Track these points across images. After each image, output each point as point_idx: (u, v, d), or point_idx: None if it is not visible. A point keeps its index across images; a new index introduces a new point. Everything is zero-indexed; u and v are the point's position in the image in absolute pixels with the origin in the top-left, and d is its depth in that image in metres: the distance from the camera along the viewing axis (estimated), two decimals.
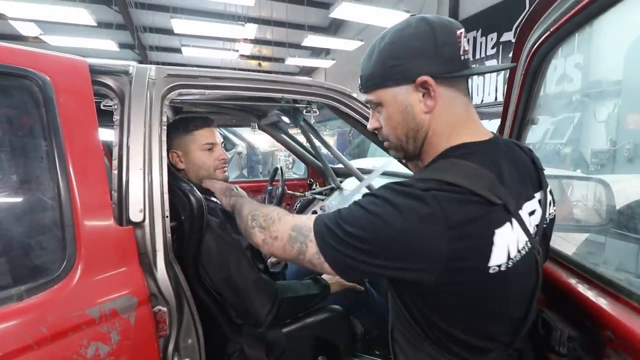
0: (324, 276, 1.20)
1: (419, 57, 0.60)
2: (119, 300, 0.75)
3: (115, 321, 0.74)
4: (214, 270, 1.00)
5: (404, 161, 0.85)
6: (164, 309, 0.85)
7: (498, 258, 0.53)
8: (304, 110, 1.35)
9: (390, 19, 5.40)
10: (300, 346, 1.16)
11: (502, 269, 0.53)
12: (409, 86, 0.62)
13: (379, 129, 0.70)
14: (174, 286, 0.89)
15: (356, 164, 2.63)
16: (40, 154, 0.73)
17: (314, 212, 1.93)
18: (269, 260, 1.49)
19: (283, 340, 1.10)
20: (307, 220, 0.63)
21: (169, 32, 7.00)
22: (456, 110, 0.63)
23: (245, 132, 4.31)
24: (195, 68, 1.01)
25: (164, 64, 9.46)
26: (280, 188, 2.09)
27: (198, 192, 1.01)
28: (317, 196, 2.29)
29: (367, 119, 1.17)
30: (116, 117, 0.90)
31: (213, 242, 1.00)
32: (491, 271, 0.52)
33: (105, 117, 0.91)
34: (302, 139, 2.33)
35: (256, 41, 10.04)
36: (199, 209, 0.98)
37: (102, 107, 0.95)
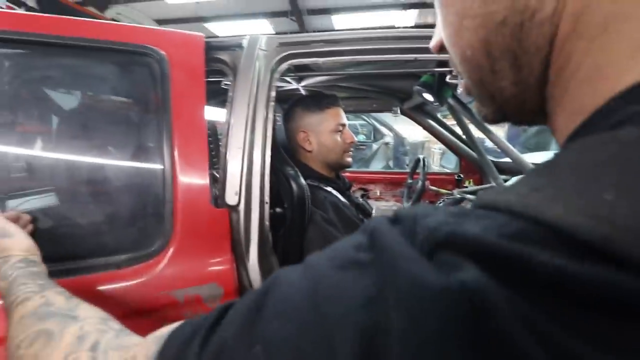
0: None
1: None
2: (204, 287, 0.70)
3: (199, 308, 0.69)
4: None
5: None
6: None
7: None
8: (449, 79, 1.02)
9: None
10: None
11: None
12: None
13: (444, 47, 0.27)
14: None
15: (531, 158, 1.99)
16: (151, 128, 0.74)
17: None
18: None
19: None
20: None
21: (332, 29, 7.46)
22: None
23: (395, 122, 4.08)
24: (309, 34, 0.87)
25: None
26: (420, 182, 1.78)
27: (302, 180, 0.88)
28: (468, 196, 1.84)
29: None
30: (229, 94, 0.86)
31: (315, 238, 0.85)
32: None
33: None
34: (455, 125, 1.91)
35: (416, 27, 9.49)
36: (299, 198, 0.85)
37: (222, 85, 0.94)
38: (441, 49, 0.27)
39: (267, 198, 0.80)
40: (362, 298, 0.16)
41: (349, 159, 1.09)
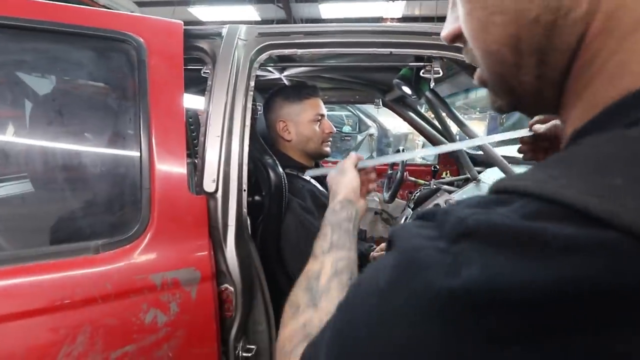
0: None
1: None
2: (182, 271, 0.72)
3: (177, 292, 0.71)
4: (290, 256, 0.88)
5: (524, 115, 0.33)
6: (231, 288, 0.79)
7: None
8: (423, 74, 1.05)
9: None
10: None
11: None
12: None
13: (459, 37, 0.27)
14: (246, 266, 0.82)
15: (503, 151, 2.07)
16: (129, 115, 0.75)
17: (437, 206, 1.59)
18: (370, 254, 1.29)
19: None
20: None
21: (319, 20, 7.37)
22: None
23: (379, 114, 4.12)
24: (289, 25, 0.88)
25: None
26: (399, 173, 1.83)
27: (280, 168, 0.90)
28: (444, 187, 1.91)
29: None
30: (208, 83, 0.87)
31: (292, 225, 0.88)
32: None
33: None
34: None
35: (404, 19, 9.50)
36: (277, 187, 0.87)
37: (202, 74, 0.95)
38: (453, 39, 0.28)
39: (244, 186, 0.82)
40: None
41: (327, 149, 1.12)
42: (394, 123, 4.23)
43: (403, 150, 1.91)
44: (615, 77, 0.19)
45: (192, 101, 1.29)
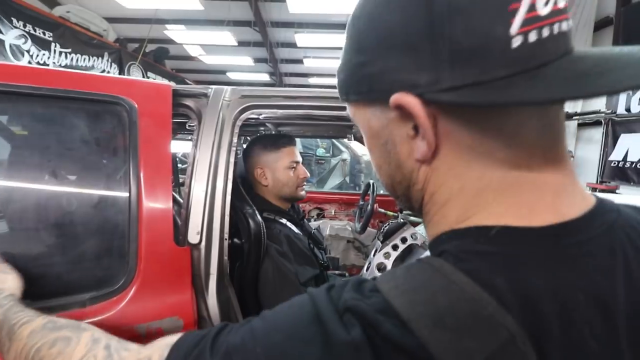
0: None
1: (395, 49, 0.28)
2: (165, 320, 0.77)
3: None
4: (268, 300, 0.95)
5: None
6: None
7: None
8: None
9: None
10: None
11: None
12: (386, 108, 0.30)
13: None
14: (226, 310, 0.87)
15: None
16: (120, 172, 0.81)
17: (404, 240, 1.71)
18: None
19: None
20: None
21: (295, 45, 7.63)
22: (488, 166, 0.29)
23: (351, 141, 4.31)
24: (269, 88, 0.99)
25: (290, 74, 10.43)
26: (369, 205, 1.95)
27: (259, 217, 0.98)
28: (412, 219, 2.05)
29: None
30: (194, 138, 0.94)
31: (270, 270, 0.95)
32: None
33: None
34: None
35: None
36: (256, 235, 0.95)
37: (187, 127, 1.02)
38: None
39: (226, 235, 0.89)
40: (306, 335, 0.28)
41: (302, 192, 1.21)
42: (365, 150, 4.44)
43: (373, 185, 2.03)
44: (437, 224, 0.33)
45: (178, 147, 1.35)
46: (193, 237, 0.84)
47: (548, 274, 0.26)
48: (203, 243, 0.85)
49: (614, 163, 3.92)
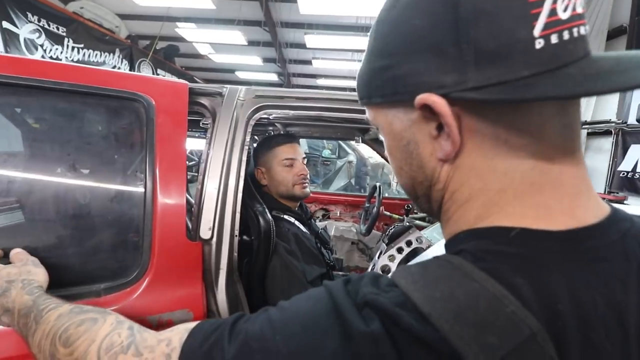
0: None
1: (422, 52, 0.29)
2: (176, 312, 0.79)
3: None
4: (275, 297, 0.97)
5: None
6: None
7: None
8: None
9: None
10: None
11: None
12: (410, 109, 0.32)
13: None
14: (234, 305, 0.89)
15: None
16: (136, 167, 0.83)
17: (409, 243, 1.72)
18: None
19: None
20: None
21: (304, 46, 7.66)
22: (511, 164, 0.30)
23: (358, 143, 4.31)
24: (282, 89, 1.00)
25: (298, 75, 10.46)
26: (375, 208, 1.96)
27: (269, 215, 1.00)
28: (418, 222, 2.06)
29: None
30: (208, 135, 0.96)
31: (278, 268, 0.97)
32: None
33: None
34: None
35: None
36: (266, 232, 0.96)
37: (201, 125, 1.04)
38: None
39: (237, 231, 0.90)
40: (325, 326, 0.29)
41: (302, 190, 1.18)
42: (372, 152, 4.45)
43: (380, 187, 2.04)
44: (455, 223, 0.34)
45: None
46: (205, 232, 0.86)
47: (566, 276, 0.27)
48: (214, 239, 0.87)
49: (623, 174, 3.88)
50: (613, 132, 3.91)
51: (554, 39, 0.26)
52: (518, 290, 0.26)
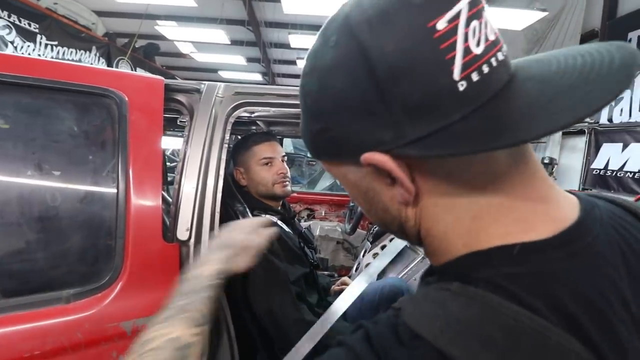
0: None
1: (353, 113, 0.29)
2: (151, 317, 0.75)
3: None
4: (258, 298, 0.94)
5: None
6: None
7: None
8: None
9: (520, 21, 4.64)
10: None
11: None
12: (359, 165, 0.31)
13: None
14: (213, 309, 0.86)
15: None
16: (108, 166, 0.79)
17: (392, 240, 1.73)
18: (331, 287, 1.38)
19: None
20: None
21: (288, 46, 7.62)
22: (472, 194, 0.30)
23: None
24: (262, 86, 0.98)
25: (283, 75, 10.41)
26: (359, 207, 1.96)
27: (250, 215, 0.98)
28: None
29: None
30: (185, 133, 0.93)
31: (260, 267, 0.94)
32: None
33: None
34: None
35: None
36: None
37: (178, 123, 1.00)
38: None
39: (216, 232, 0.88)
40: None
41: (282, 189, 1.16)
42: None
43: None
44: (443, 254, 0.32)
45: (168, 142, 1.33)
46: (182, 233, 0.83)
47: (578, 286, 0.27)
48: (192, 240, 0.84)
49: (596, 171, 4.04)
50: (586, 131, 4.06)
51: (474, 76, 0.26)
52: (544, 314, 0.25)
